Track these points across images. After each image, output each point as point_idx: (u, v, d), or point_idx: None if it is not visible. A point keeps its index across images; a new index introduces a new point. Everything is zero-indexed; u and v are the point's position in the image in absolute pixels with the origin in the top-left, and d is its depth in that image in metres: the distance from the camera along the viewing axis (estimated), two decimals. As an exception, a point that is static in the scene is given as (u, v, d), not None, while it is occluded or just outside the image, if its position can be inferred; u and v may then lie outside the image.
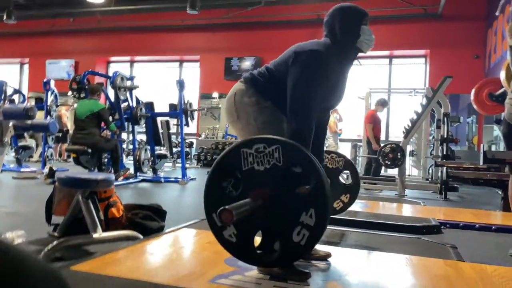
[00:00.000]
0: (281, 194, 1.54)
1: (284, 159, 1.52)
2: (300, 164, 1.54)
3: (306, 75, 1.86)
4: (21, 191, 4.79)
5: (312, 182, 1.51)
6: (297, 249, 1.51)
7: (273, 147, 1.53)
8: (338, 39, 1.95)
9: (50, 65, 13.50)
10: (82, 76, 5.86)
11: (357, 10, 1.99)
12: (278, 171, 1.52)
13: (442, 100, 6.19)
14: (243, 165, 1.58)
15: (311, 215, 1.48)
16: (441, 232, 3.25)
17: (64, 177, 2.24)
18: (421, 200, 5.56)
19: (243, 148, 1.58)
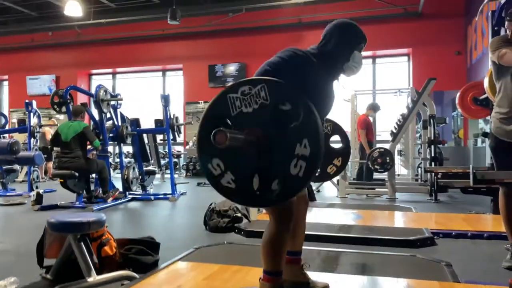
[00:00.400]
0: (273, 132, 1.54)
1: (271, 96, 1.53)
2: (287, 99, 1.54)
3: (279, 60, 1.79)
4: (9, 222, 4.69)
5: (301, 114, 1.51)
6: (296, 182, 1.51)
7: (258, 87, 1.54)
8: (327, 53, 1.89)
9: (30, 80, 13.29)
10: (64, 91, 5.75)
11: (356, 34, 1.93)
12: (267, 110, 1.53)
13: (427, 102, 6.25)
14: (231, 111, 1.58)
15: (305, 145, 1.49)
16: (435, 244, 3.28)
17: (55, 222, 2.19)
18: (412, 204, 5.60)
19: (229, 94, 1.58)
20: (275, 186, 1.52)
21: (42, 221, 4.56)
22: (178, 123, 6.60)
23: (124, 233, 3.94)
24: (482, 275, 2.52)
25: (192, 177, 10.96)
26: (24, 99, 13.00)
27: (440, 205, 5.47)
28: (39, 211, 5.22)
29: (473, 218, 4.12)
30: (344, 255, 2.76)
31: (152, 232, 4.09)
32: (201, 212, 4.65)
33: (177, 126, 6.54)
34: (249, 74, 11.43)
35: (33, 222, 4.63)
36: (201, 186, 8.42)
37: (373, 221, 4.22)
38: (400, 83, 10.84)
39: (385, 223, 4.12)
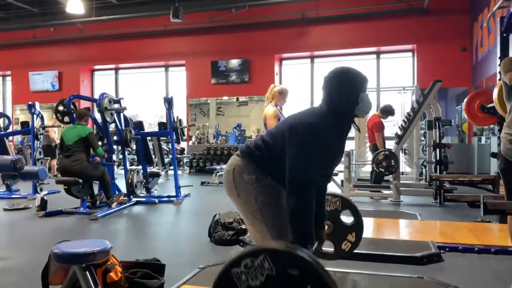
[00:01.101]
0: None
1: (276, 266, 1.46)
2: (293, 266, 1.47)
3: (304, 150, 1.82)
4: (14, 231, 4.69)
5: (311, 277, 1.45)
6: None
7: (260, 258, 1.47)
8: (335, 106, 1.90)
9: (33, 76, 13.26)
10: (68, 100, 5.72)
11: (357, 78, 1.92)
12: (275, 279, 1.46)
13: (433, 104, 6.18)
14: (238, 286, 1.50)
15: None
16: (441, 260, 3.26)
17: (60, 253, 2.17)
18: (417, 208, 5.59)
19: (232, 270, 1.52)
20: None
21: (46, 229, 4.61)
22: (181, 126, 6.56)
23: (128, 245, 3.95)
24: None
25: (195, 173, 10.97)
26: (27, 94, 13.09)
27: (445, 210, 5.42)
28: (43, 218, 5.23)
29: (480, 229, 4.09)
30: (350, 278, 2.74)
31: (156, 243, 4.11)
32: (205, 218, 4.65)
33: (180, 129, 6.50)
34: (252, 70, 11.36)
35: (38, 231, 4.64)
36: (205, 186, 8.42)
37: (379, 232, 4.20)
38: (405, 79, 10.76)
39: (391, 234, 4.10)
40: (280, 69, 11.78)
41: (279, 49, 11.38)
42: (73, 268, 2.27)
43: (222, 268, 1.51)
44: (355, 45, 10.78)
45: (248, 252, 1.51)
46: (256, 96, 11.49)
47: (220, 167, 9.03)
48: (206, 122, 12.13)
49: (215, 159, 11.06)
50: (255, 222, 1.94)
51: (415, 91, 7.88)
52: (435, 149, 5.95)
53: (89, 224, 4.89)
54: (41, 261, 3.19)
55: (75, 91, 12.75)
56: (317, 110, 1.94)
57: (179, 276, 2.82)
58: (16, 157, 3.17)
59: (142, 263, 2.74)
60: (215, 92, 11.79)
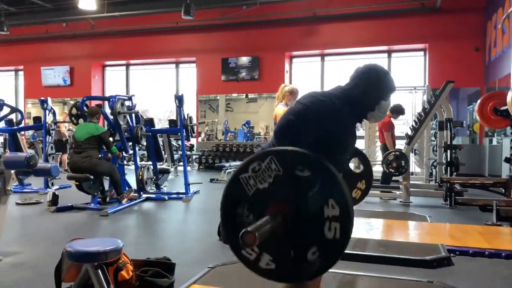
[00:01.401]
0: (296, 201, 1.48)
1: (283, 166, 1.48)
2: (300, 164, 1.48)
3: (304, 109, 1.70)
4: (26, 226, 4.75)
5: (319, 175, 1.46)
6: (335, 245, 1.44)
7: (267, 160, 1.49)
8: (352, 100, 1.79)
9: (45, 71, 13.37)
10: (80, 102, 5.79)
11: (387, 86, 1.84)
12: (283, 180, 1.48)
13: (444, 105, 6.13)
14: (248, 191, 1.53)
15: (333, 206, 1.43)
16: (451, 264, 3.24)
17: (72, 251, 2.20)
18: (427, 209, 5.56)
19: (240, 175, 1.54)
20: (313, 257, 1.46)
21: (58, 225, 4.67)
22: (191, 123, 6.59)
23: (138, 242, 3.99)
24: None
25: (204, 170, 11.02)
26: (39, 89, 13.22)
27: (456, 212, 5.39)
28: (55, 213, 5.29)
29: (491, 232, 4.06)
30: (360, 280, 2.75)
31: (165, 241, 4.14)
32: (214, 216, 4.67)
33: (190, 126, 6.53)
34: (262, 67, 11.35)
35: (50, 226, 4.70)
36: (214, 183, 8.46)
37: (388, 234, 4.19)
38: (416, 78, 10.67)
39: (400, 236, 4.09)
40: (290, 67, 11.75)
41: (289, 47, 11.35)
42: (86, 267, 2.30)
43: (231, 176, 1.53)
44: (366, 44, 10.70)
45: (254, 156, 1.53)
46: (265, 93, 11.49)
47: (229, 164, 9.05)
48: (215, 119, 12.15)
49: (224, 156, 11.10)
50: None
51: (426, 91, 7.81)
52: (446, 150, 5.91)
53: (99, 220, 4.94)
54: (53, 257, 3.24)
55: (86, 86, 12.88)
56: (331, 92, 1.82)
57: (189, 275, 2.84)
58: (29, 154, 3.21)
59: (153, 261, 2.76)
60: (225, 89, 11.80)
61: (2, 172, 3.31)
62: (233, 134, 12.03)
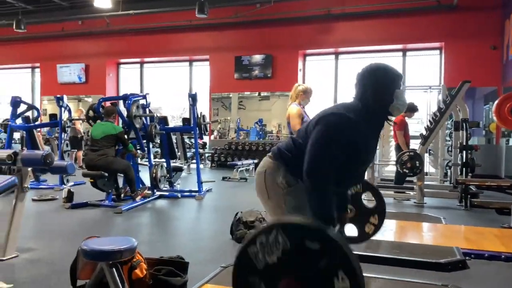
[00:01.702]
0: (307, 274, 1.47)
1: (290, 239, 1.47)
2: (307, 236, 1.47)
3: (329, 135, 1.76)
4: (42, 222, 4.83)
5: (326, 247, 1.45)
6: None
7: (273, 233, 1.48)
8: (369, 104, 1.83)
9: (61, 69, 13.55)
10: (96, 104, 5.87)
11: (392, 75, 1.85)
12: (291, 254, 1.47)
13: (460, 105, 6.05)
14: (257, 265, 1.52)
15: (342, 278, 1.42)
16: (467, 267, 3.19)
17: (88, 250, 2.23)
18: (442, 210, 5.50)
19: (248, 249, 1.52)
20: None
21: (73, 221, 4.73)
22: (205, 122, 6.61)
23: (151, 240, 4.02)
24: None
25: (217, 168, 11.06)
26: (55, 86, 13.40)
27: (471, 214, 5.32)
28: (70, 209, 5.37)
29: (508, 236, 3.98)
30: (373, 282, 2.73)
31: (178, 239, 4.18)
32: (226, 214, 4.70)
33: (203, 124, 6.56)
34: (275, 65, 11.33)
35: (65, 222, 4.77)
36: (226, 181, 8.48)
37: (402, 236, 4.15)
38: (431, 78, 10.54)
39: (414, 238, 4.05)
40: (304, 65, 11.70)
41: (303, 45, 11.31)
42: (100, 265, 2.33)
43: (239, 249, 1.53)
44: (381, 42, 10.61)
45: (261, 230, 1.53)
46: (278, 91, 11.47)
47: (241, 162, 9.06)
48: (228, 116, 12.17)
49: (236, 154, 11.12)
50: None
51: (442, 90, 7.72)
52: (462, 151, 5.83)
53: (113, 217, 5.00)
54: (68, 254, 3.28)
55: (101, 83, 13.02)
56: (350, 105, 1.86)
57: (202, 274, 2.86)
58: (46, 152, 3.26)
59: (166, 260, 2.78)
60: (238, 87, 11.81)
61: (20, 170, 3.37)
62: (245, 132, 12.04)
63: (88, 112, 6.15)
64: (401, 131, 6.55)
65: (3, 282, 2.70)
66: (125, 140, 5.63)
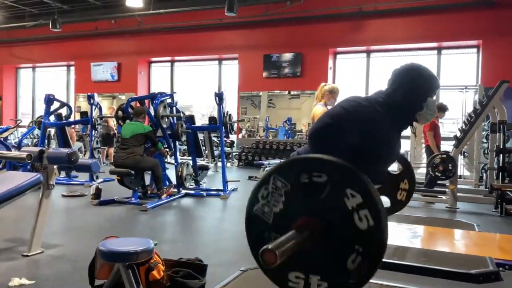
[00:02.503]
0: (316, 210, 1.37)
1: (287, 180, 1.42)
2: (303, 171, 1.39)
3: (341, 112, 1.62)
4: (70, 218, 4.94)
5: (325, 170, 1.35)
6: (373, 235, 1.30)
7: (271, 181, 1.43)
8: (396, 103, 1.69)
9: (94, 67, 13.87)
10: (125, 104, 5.97)
11: (430, 80, 1.72)
12: (294, 194, 1.40)
13: (497, 106, 5.77)
14: (267, 220, 1.48)
15: (352, 194, 1.30)
16: (500, 279, 3.01)
17: (105, 250, 2.23)
18: (475, 216, 5.28)
19: (254, 208, 1.48)
20: (358, 257, 1.34)
21: (99, 218, 4.81)
22: (231, 121, 6.59)
23: (174, 240, 4.02)
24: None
25: (244, 167, 11.03)
26: (89, 84, 13.75)
27: (507, 221, 5.06)
28: (97, 206, 5.47)
29: (545, 245, 3.76)
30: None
31: (201, 239, 4.16)
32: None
33: (230, 124, 6.53)
34: (305, 63, 11.19)
35: (91, 219, 4.85)
36: (253, 180, 8.43)
37: (431, 243, 3.97)
38: (468, 77, 10.13)
39: (444, 246, 3.86)
40: (334, 63, 11.50)
41: (333, 43, 11.11)
42: (117, 266, 2.32)
43: (245, 213, 1.47)
44: (415, 40, 10.28)
45: (258, 183, 1.48)
46: (308, 90, 11.32)
47: (268, 162, 8.99)
48: (257, 115, 12.12)
49: (263, 153, 11.06)
50: None
51: (479, 90, 7.39)
52: (498, 154, 5.56)
53: (139, 215, 5.05)
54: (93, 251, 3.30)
55: (132, 82, 13.25)
56: (373, 99, 1.71)
57: (221, 276, 2.82)
58: (71, 150, 3.30)
59: (184, 262, 2.76)
60: (267, 85, 11.74)
61: (46, 167, 3.43)
62: (274, 131, 11.96)
63: (117, 113, 6.26)
64: (431, 131, 6.33)
65: (25, 278, 2.74)
66: (155, 139, 5.72)
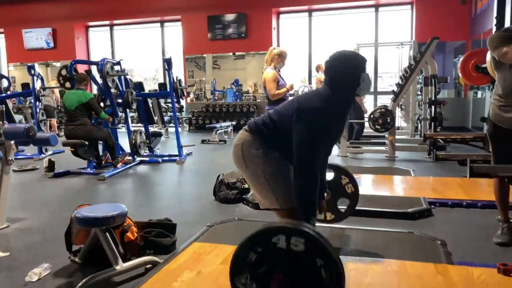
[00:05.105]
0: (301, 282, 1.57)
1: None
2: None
3: (310, 135, 1.99)
4: (27, 192, 4.89)
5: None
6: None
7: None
8: (339, 88, 2.07)
9: (27, 34, 13.06)
10: (69, 66, 5.78)
11: (358, 60, 2.08)
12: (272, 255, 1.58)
13: (429, 62, 6.25)
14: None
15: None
16: (432, 215, 3.50)
17: (81, 217, 2.37)
18: (412, 163, 5.82)
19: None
20: None
21: (57, 190, 4.84)
22: (181, 86, 6.64)
23: (137, 205, 4.16)
24: (475, 252, 2.74)
25: (195, 131, 11.14)
26: (22, 53, 12.98)
27: (438, 165, 5.64)
28: (52, 178, 5.45)
29: (469, 184, 4.32)
30: (347, 233, 2.98)
31: (163, 203, 4.33)
32: (208, 177, 4.89)
33: (180, 89, 6.59)
34: (249, 24, 11.22)
35: (50, 192, 4.86)
36: (206, 144, 8.61)
37: (374, 189, 4.44)
38: (403, 33, 10.69)
39: (385, 191, 4.34)
40: (278, 24, 11.64)
41: (276, 2, 11.19)
42: (94, 230, 2.48)
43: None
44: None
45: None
46: (253, 51, 11.43)
47: (220, 125, 9.17)
48: (203, 77, 12.11)
49: (214, 117, 11.20)
50: (262, 191, 2.14)
51: (413, 46, 7.88)
52: (430, 106, 6.10)
53: (97, 184, 5.11)
54: (58, 222, 3.44)
55: (70, 48, 12.67)
56: (322, 94, 2.09)
57: (189, 234, 3.04)
58: (28, 125, 3.31)
59: (155, 223, 2.96)
60: (212, 47, 11.69)
61: (3, 143, 3.41)
62: (221, 93, 12.05)
63: (61, 71, 6.05)
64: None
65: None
66: (97, 108, 5.63)
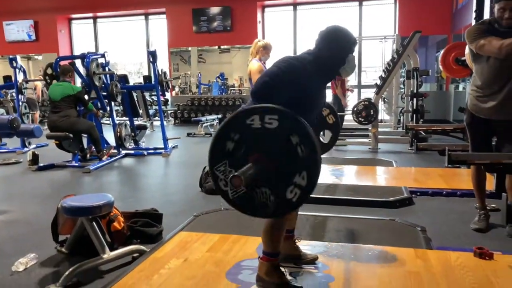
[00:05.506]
0: (278, 160, 1.69)
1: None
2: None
3: (278, 72, 1.89)
4: (11, 186, 4.85)
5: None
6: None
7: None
8: (322, 60, 2.00)
9: (8, 26, 12.82)
10: (54, 63, 5.74)
11: (349, 39, 2.02)
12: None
13: (411, 55, 6.36)
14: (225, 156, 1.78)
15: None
16: (413, 203, 3.60)
17: (68, 207, 2.39)
18: (394, 155, 5.94)
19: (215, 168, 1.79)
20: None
21: (42, 183, 4.81)
22: (166, 79, 6.63)
23: (123, 197, 4.17)
24: (453, 237, 2.84)
25: (180, 124, 11.12)
26: (3, 45, 12.73)
27: (420, 156, 5.76)
28: (37, 172, 5.41)
29: (449, 174, 4.45)
30: (330, 221, 3.05)
31: (149, 194, 4.35)
32: (194, 169, 4.92)
33: (165, 82, 6.58)
34: (234, 17, 11.21)
35: (34, 184, 4.83)
36: (191, 137, 8.62)
37: (357, 179, 4.53)
38: (387, 27, 10.81)
39: (368, 181, 4.43)
40: (263, 17, 11.65)
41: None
42: (81, 220, 2.50)
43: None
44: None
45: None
46: (238, 44, 11.43)
47: (206, 118, 9.18)
48: (188, 71, 12.08)
49: (199, 110, 11.20)
50: None
51: (396, 40, 8.02)
52: (412, 98, 6.22)
53: (82, 177, 5.10)
54: (44, 214, 3.43)
55: (52, 41, 12.48)
56: (302, 56, 2.04)
57: (176, 224, 3.08)
58: (12, 116, 3.30)
59: (141, 213, 2.99)
60: (197, 41, 11.66)
61: (-14, 135, 3.40)
62: (207, 87, 12.03)
63: (47, 69, 6.00)
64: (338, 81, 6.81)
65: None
66: (85, 100, 5.60)
